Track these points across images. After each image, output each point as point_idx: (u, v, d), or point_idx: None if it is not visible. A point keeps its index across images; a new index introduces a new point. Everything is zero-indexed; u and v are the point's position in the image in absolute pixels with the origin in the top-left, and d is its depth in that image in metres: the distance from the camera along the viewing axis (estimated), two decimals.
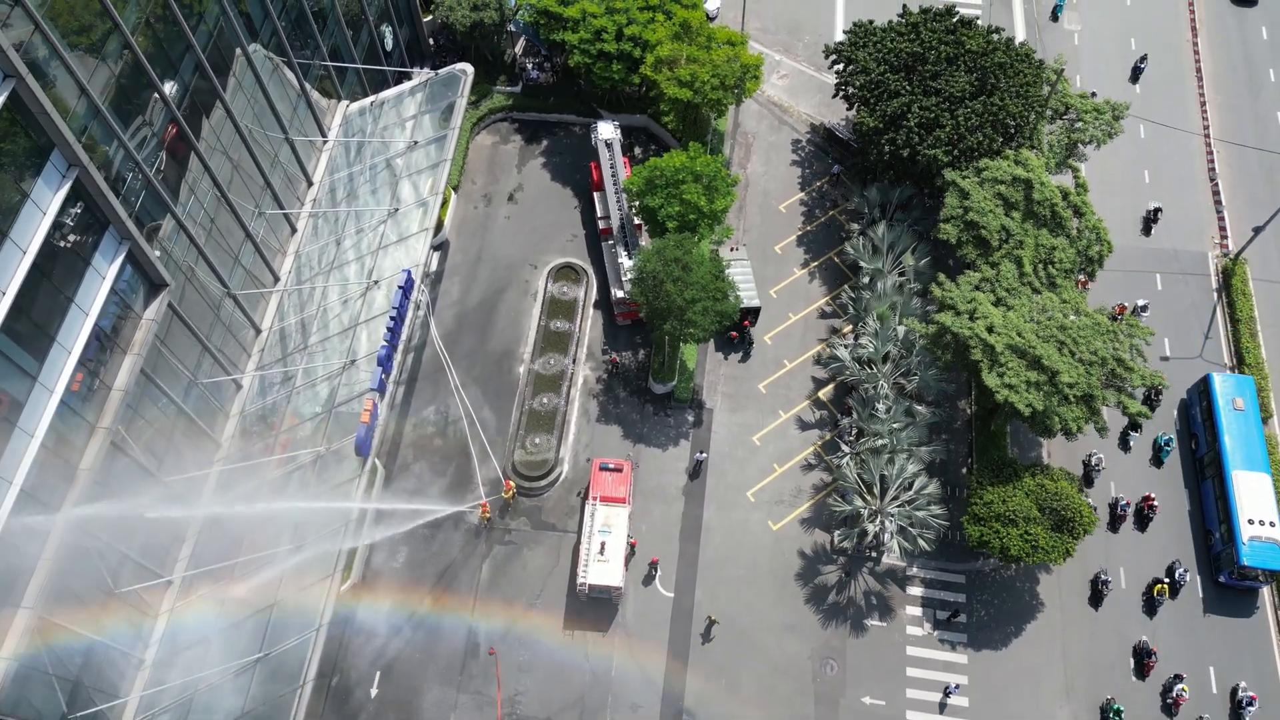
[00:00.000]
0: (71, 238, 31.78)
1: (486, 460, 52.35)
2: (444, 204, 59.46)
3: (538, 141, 65.00)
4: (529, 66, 66.05)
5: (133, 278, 35.27)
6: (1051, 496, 46.85)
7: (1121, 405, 46.94)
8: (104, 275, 33.15)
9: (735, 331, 55.98)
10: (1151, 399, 54.86)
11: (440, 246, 60.11)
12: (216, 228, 41.38)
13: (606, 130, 58.06)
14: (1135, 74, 68.04)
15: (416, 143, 51.53)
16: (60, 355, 31.30)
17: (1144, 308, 58.06)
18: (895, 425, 50.07)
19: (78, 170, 30.95)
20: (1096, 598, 50.18)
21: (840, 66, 59.92)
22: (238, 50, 41.91)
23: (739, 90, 57.34)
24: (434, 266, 59.38)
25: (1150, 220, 62.05)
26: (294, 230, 49.23)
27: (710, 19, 70.39)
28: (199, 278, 40.39)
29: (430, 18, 65.36)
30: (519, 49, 67.03)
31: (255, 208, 44.72)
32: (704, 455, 53.31)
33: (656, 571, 50.30)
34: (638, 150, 64.33)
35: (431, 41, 67.42)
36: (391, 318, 44.10)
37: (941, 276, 50.81)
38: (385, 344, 43.60)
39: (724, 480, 53.36)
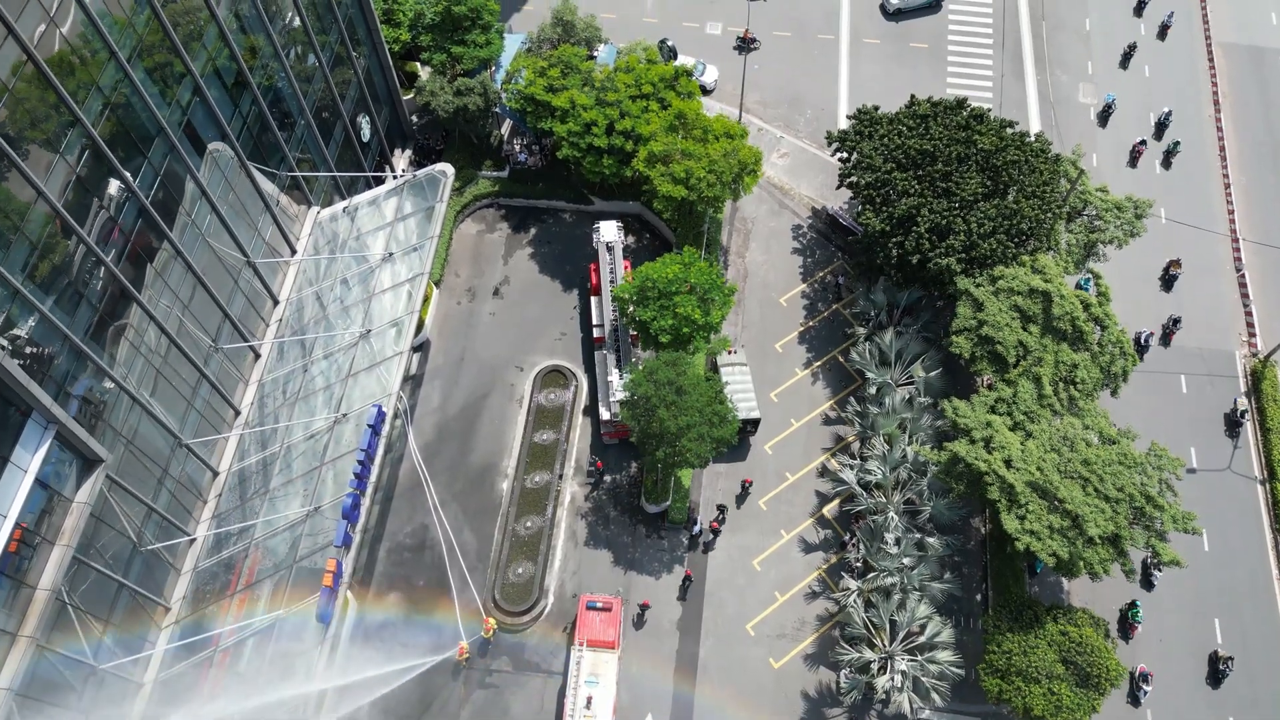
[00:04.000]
0: None
1: (465, 588, 48.78)
2: (425, 300, 56.03)
3: (525, 230, 61.53)
4: (517, 149, 62.61)
5: (62, 457, 31.78)
6: (1076, 647, 43.24)
7: (1152, 549, 43.41)
8: (25, 469, 29.66)
9: (716, 522, 51.17)
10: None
11: (421, 347, 56.63)
12: (164, 377, 37.86)
13: (609, 232, 54.27)
14: (1167, 158, 64.30)
15: (392, 254, 48.13)
16: None
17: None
18: (906, 560, 46.53)
19: None
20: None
21: (844, 155, 56.52)
22: (188, 180, 38.42)
23: (736, 186, 53.93)
24: (414, 369, 55.88)
25: (1169, 331, 57.99)
26: (257, 356, 45.74)
27: (708, 91, 67.13)
28: (144, 435, 36.87)
29: (411, 96, 62.03)
30: (506, 130, 63.61)
31: (212, 344, 41.25)
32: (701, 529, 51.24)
33: (646, 614, 48.79)
34: (631, 239, 60.87)
35: (414, 119, 64.08)
36: (359, 460, 40.66)
37: (955, 400, 47.29)
38: (352, 491, 40.10)
39: (722, 611, 49.77)
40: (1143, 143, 62.97)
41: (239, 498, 42.40)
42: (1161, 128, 64.49)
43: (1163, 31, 70.28)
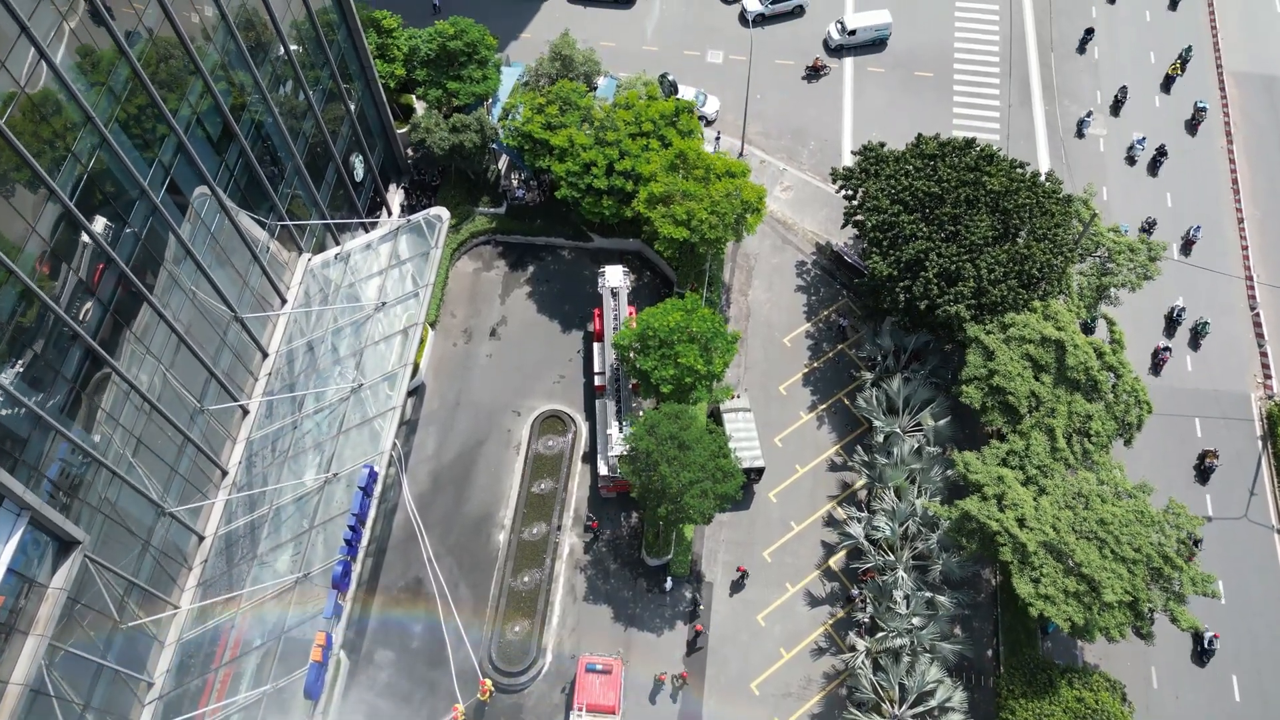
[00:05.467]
0: None
1: (460, 645, 47.30)
2: (421, 342, 54.55)
3: (523, 267, 60.06)
4: (514, 185, 61.18)
5: (36, 540, 30.31)
6: (1091, 714, 41.87)
7: (1170, 613, 41.96)
8: None
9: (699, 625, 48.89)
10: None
11: (416, 391, 55.17)
12: (146, 445, 36.37)
13: (615, 277, 52.21)
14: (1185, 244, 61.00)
15: (386, 302, 46.69)
16: None
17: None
18: (915, 620, 45.06)
19: None
20: None
21: (849, 193, 55.14)
22: (171, 239, 36.95)
23: (739, 226, 52.50)
24: (409, 414, 54.43)
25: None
26: (246, 413, 44.26)
27: (709, 122, 65.76)
28: (125, 508, 35.38)
29: (406, 131, 60.59)
30: (503, 166, 62.16)
31: (197, 405, 39.78)
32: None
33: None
34: (631, 277, 59.15)
35: (409, 153, 62.63)
36: (350, 525, 39.18)
37: (966, 454, 45.86)
38: (342, 559, 38.61)
39: (726, 669, 48.29)
40: (1167, 349, 56.62)
41: (225, 563, 40.91)
42: (1176, 318, 58.19)
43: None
